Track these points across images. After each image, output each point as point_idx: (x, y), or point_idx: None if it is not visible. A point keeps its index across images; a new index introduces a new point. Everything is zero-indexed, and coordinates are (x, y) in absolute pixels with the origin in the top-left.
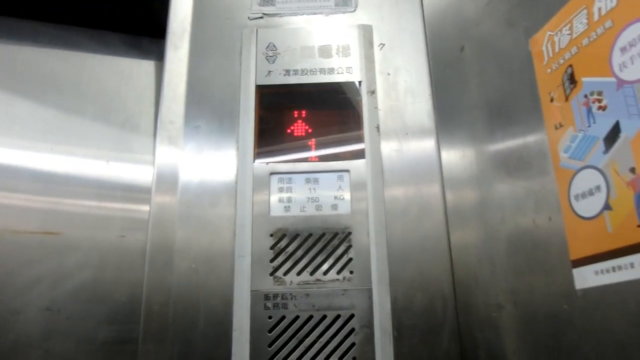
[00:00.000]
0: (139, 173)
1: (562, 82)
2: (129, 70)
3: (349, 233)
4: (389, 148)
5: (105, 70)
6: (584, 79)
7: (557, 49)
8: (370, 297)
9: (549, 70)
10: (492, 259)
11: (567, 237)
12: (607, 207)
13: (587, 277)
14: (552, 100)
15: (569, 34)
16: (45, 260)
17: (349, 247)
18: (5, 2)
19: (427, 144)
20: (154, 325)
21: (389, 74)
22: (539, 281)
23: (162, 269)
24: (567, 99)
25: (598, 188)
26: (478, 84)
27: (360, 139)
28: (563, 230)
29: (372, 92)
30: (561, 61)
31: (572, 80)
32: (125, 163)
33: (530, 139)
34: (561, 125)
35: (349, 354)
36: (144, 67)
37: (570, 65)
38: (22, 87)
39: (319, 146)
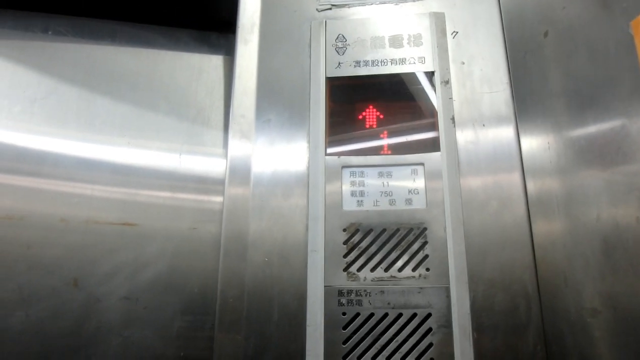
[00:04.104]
0: (210, 165)
1: None
2: (199, 65)
3: (425, 229)
4: (464, 140)
5: (177, 66)
6: None
7: None
8: (447, 296)
9: None
10: (585, 258)
11: None
12: None
13: None
14: None
15: None
16: (123, 251)
17: (425, 243)
18: (87, 4)
19: (506, 135)
20: (228, 318)
21: (463, 63)
22: None
23: (236, 261)
24: None
25: None
26: (564, 70)
27: (434, 131)
28: None
29: (446, 82)
30: None
31: None
32: (196, 156)
33: (632, 129)
34: None
35: (426, 354)
36: (214, 61)
37: None
38: (100, 85)
39: (391, 139)
